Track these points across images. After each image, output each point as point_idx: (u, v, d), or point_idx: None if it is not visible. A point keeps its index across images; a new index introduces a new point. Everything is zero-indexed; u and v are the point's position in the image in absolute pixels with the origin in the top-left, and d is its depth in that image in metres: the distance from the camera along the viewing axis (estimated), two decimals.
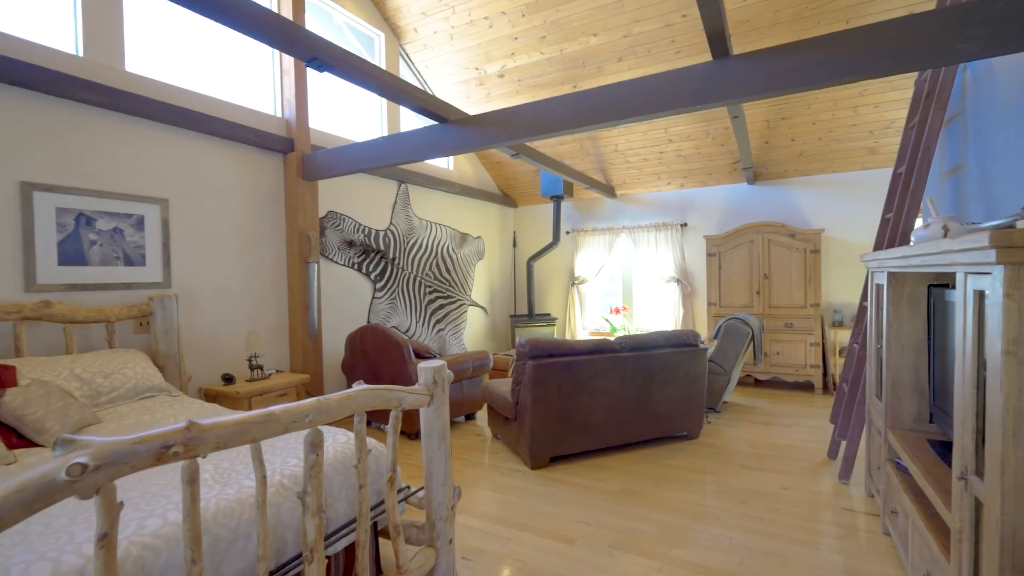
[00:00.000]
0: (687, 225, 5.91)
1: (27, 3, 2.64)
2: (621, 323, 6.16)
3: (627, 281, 6.41)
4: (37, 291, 2.60)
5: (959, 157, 2.66)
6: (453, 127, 3.11)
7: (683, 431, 3.52)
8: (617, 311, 6.19)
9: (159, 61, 3.22)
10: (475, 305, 6.34)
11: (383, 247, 4.88)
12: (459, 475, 3.01)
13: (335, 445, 1.79)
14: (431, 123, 3.72)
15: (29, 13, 2.65)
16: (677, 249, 5.89)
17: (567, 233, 6.71)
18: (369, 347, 3.69)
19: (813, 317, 4.83)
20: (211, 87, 3.50)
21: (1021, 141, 2.01)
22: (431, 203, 5.57)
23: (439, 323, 5.63)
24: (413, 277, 5.26)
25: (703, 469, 3.03)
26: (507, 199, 6.86)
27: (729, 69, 2.29)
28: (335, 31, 4.47)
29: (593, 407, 3.16)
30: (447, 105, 3.07)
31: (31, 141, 2.58)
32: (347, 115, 4.65)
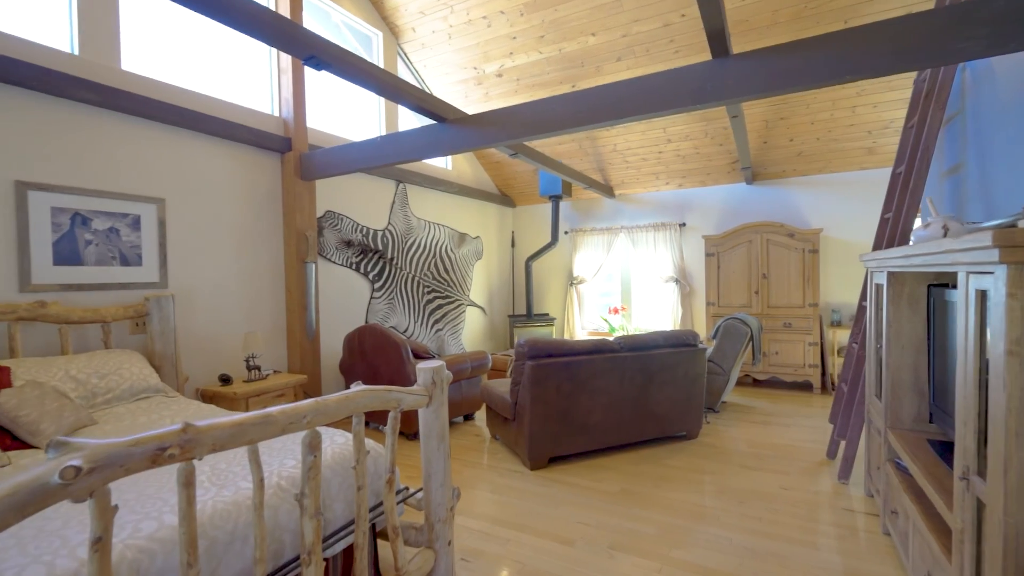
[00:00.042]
0: (686, 225, 5.91)
1: (21, 1, 2.62)
2: (620, 323, 6.15)
3: (626, 281, 6.41)
4: (32, 291, 2.58)
5: (958, 157, 2.66)
6: (451, 126, 3.10)
7: (682, 431, 3.52)
8: (616, 311, 6.19)
9: (156, 60, 3.20)
10: (473, 305, 6.32)
11: (381, 247, 4.86)
12: (458, 476, 3.00)
13: (333, 446, 1.78)
14: (429, 123, 3.71)
15: (23, 10, 2.63)
16: (676, 249, 5.88)
17: (566, 233, 6.70)
18: (367, 347, 3.68)
19: (811, 317, 4.83)
20: (208, 86, 3.48)
21: (1021, 141, 2.01)
22: (429, 203, 5.56)
23: (437, 323, 5.62)
24: (411, 277, 5.24)
25: (702, 469, 3.02)
26: (505, 199, 6.85)
27: (729, 68, 2.28)
28: (333, 30, 4.46)
29: (592, 407, 3.15)
30: (445, 104, 3.05)
31: (26, 140, 2.56)
32: (345, 115, 4.63)
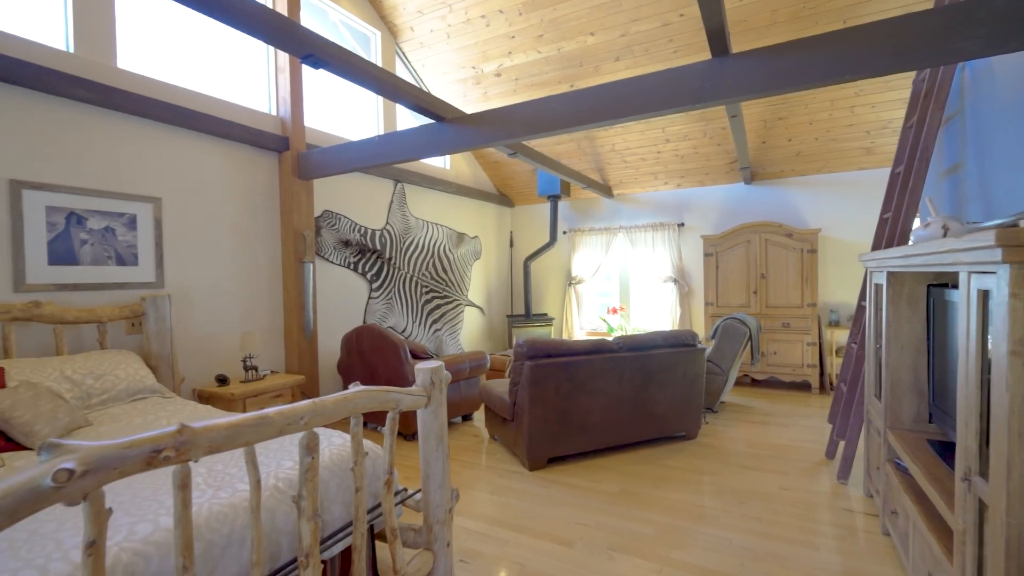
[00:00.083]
0: (684, 225, 5.91)
1: None
2: (618, 323, 6.15)
3: (624, 281, 6.41)
4: (27, 291, 2.55)
5: (957, 156, 2.66)
6: (450, 125, 3.09)
7: (681, 431, 3.51)
8: (614, 311, 6.18)
9: (152, 58, 3.18)
10: (472, 305, 6.31)
11: (379, 247, 4.85)
12: (456, 476, 2.98)
13: (331, 447, 1.77)
14: (427, 122, 3.70)
15: (16, 7, 2.60)
16: (674, 249, 5.88)
17: (564, 233, 6.69)
18: (365, 348, 3.66)
19: (810, 317, 4.83)
20: (205, 85, 3.46)
21: (1020, 140, 2.00)
22: (428, 203, 5.54)
23: (436, 323, 5.60)
24: (409, 277, 5.23)
25: (701, 470, 3.01)
26: (504, 199, 6.83)
27: (729, 67, 2.28)
28: (331, 29, 4.44)
29: (591, 408, 3.14)
30: (444, 103, 3.04)
31: (20, 139, 2.54)
32: (343, 114, 4.61)
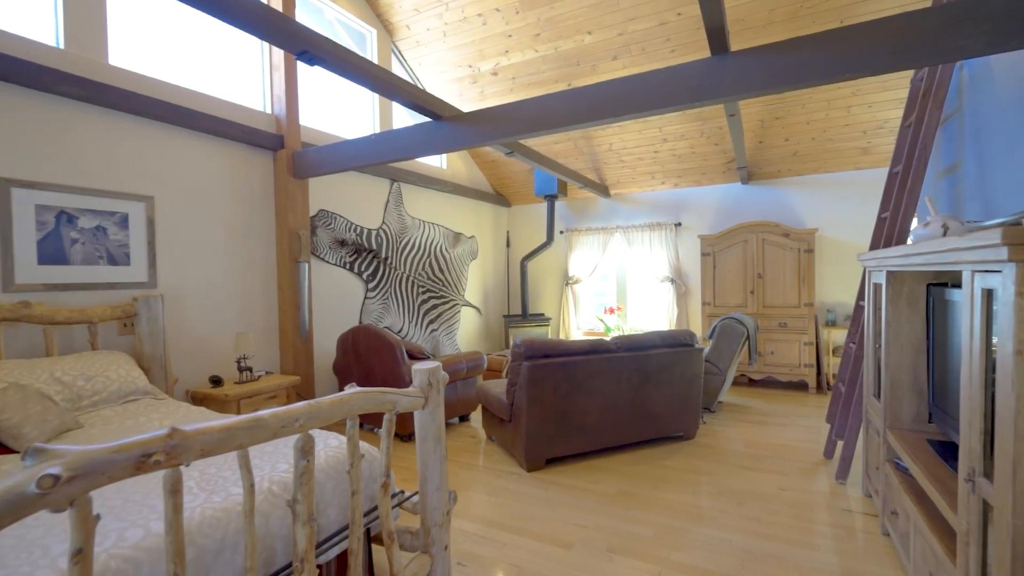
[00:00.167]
0: (681, 225, 5.90)
1: None
2: (615, 323, 6.14)
3: (621, 281, 6.40)
4: (15, 291, 2.51)
5: (956, 156, 2.66)
6: (447, 124, 3.06)
7: (679, 431, 3.50)
8: (611, 311, 6.17)
9: (144, 54, 3.13)
10: (469, 305, 6.28)
11: (375, 246, 4.81)
12: (453, 478, 2.96)
13: (327, 450, 1.74)
14: (423, 121, 3.67)
15: (4, 1, 2.56)
16: (671, 249, 5.88)
17: (561, 233, 6.68)
18: (361, 348, 3.63)
19: (807, 316, 4.83)
20: (198, 82, 3.41)
21: (1019, 139, 2.00)
22: (424, 202, 5.51)
23: (432, 323, 5.57)
24: (406, 277, 5.20)
25: (700, 470, 3.00)
26: (501, 198, 6.81)
27: (728, 65, 2.26)
28: (326, 26, 4.40)
29: (589, 408, 3.12)
30: (440, 101, 3.01)
31: (8, 136, 2.49)
32: (338, 112, 4.58)
